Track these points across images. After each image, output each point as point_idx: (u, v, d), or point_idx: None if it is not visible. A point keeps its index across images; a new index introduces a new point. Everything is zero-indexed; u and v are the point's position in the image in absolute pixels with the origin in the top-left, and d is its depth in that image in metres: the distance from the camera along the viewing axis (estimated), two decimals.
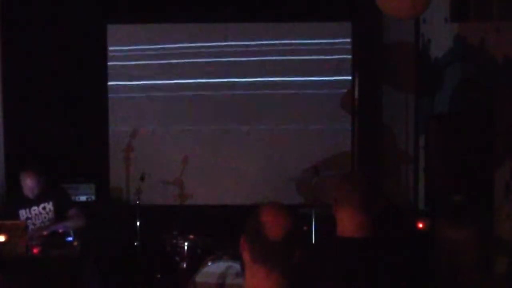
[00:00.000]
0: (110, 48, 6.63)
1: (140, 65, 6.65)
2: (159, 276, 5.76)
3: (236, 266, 4.74)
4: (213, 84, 6.63)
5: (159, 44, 6.65)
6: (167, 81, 6.66)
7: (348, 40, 6.55)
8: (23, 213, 5.22)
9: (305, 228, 5.40)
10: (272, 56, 6.59)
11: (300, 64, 6.57)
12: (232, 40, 6.63)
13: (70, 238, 4.96)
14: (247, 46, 6.62)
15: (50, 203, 5.27)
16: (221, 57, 6.63)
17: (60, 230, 5.06)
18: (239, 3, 6.44)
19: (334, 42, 6.58)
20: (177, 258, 5.38)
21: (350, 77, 6.51)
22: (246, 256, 1.98)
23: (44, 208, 5.26)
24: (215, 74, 6.63)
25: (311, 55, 6.56)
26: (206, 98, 6.64)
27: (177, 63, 6.64)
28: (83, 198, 6.26)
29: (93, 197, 6.32)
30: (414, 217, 4.98)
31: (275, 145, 6.64)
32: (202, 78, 6.63)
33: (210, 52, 6.62)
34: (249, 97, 6.64)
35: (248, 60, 6.61)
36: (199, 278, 4.80)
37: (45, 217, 5.25)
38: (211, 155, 6.67)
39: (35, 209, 5.24)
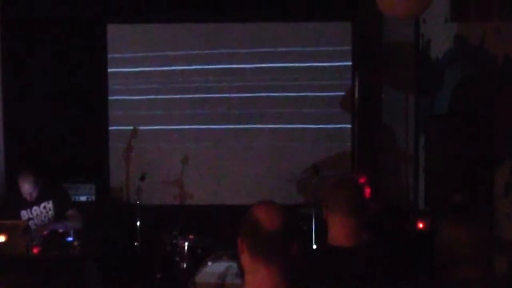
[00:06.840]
0: (110, 48, 6.63)
1: (140, 65, 6.65)
2: (159, 276, 5.75)
3: (236, 266, 4.73)
4: (213, 84, 6.63)
5: (159, 45, 6.64)
6: (167, 81, 6.65)
7: (348, 40, 6.55)
8: (24, 214, 5.23)
9: (305, 228, 5.39)
10: (271, 56, 6.58)
11: (300, 65, 6.56)
12: (232, 40, 6.63)
13: (70, 238, 4.95)
14: (248, 46, 6.62)
15: (50, 201, 5.28)
16: (221, 57, 6.62)
17: (60, 230, 5.05)
18: (239, 3, 6.44)
19: (334, 42, 6.58)
20: (177, 258, 5.37)
21: (350, 77, 6.50)
22: (245, 257, 1.98)
23: (44, 207, 5.27)
24: (215, 75, 6.62)
25: (310, 55, 6.56)
26: (206, 99, 6.64)
27: (178, 63, 6.64)
28: (83, 198, 6.26)
29: (93, 197, 6.32)
30: (414, 217, 4.98)
31: (275, 145, 6.63)
32: (202, 78, 6.63)
33: (210, 53, 6.61)
34: (249, 97, 6.64)
35: (248, 60, 6.60)
36: (199, 278, 4.79)
37: (45, 216, 5.26)
38: (211, 155, 6.67)
39: (36, 209, 5.25)
